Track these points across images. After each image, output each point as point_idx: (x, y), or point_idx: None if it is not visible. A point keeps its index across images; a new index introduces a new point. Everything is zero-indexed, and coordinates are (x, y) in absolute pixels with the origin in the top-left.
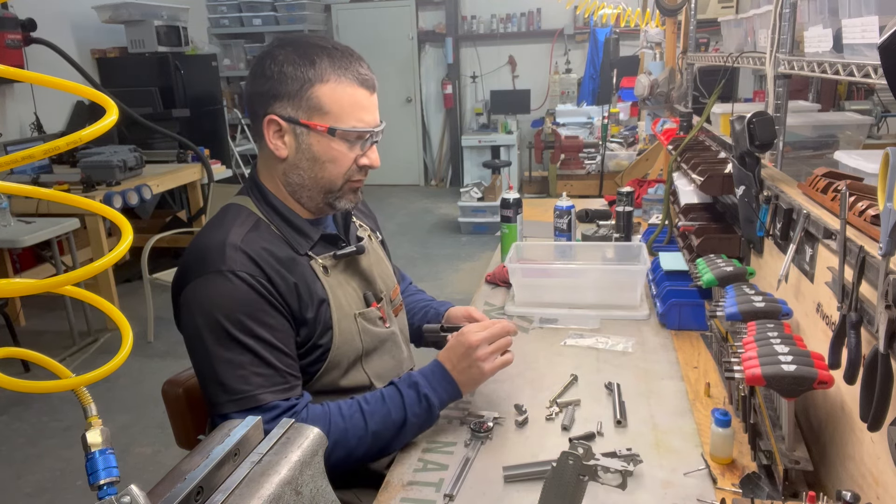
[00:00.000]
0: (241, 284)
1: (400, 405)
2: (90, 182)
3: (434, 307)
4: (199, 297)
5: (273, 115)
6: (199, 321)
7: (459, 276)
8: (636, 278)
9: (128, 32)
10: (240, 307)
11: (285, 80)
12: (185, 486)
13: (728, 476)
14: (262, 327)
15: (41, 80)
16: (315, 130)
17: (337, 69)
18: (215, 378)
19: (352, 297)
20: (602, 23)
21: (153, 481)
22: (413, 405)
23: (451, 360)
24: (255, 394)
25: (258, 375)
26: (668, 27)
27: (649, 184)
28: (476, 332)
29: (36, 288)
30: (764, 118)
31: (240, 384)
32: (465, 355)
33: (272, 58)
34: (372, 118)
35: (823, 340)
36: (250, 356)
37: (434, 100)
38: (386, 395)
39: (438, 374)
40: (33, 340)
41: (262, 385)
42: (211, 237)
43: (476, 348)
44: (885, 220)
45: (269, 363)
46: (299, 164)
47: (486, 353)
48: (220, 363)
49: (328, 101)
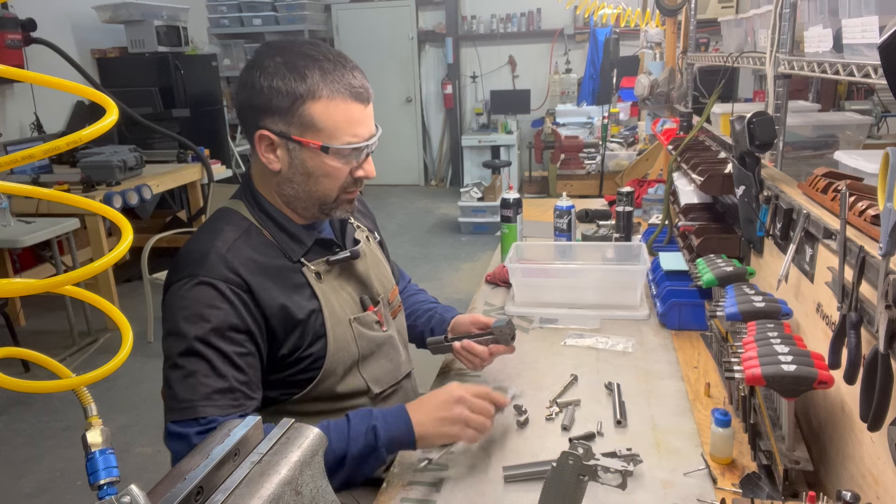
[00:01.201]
0: (214, 293)
1: (344, 436)
2: (90, 182)
3: (439, 313)
4: (174, 300)
5: (264, 131)
6: (170, 325)
7: (459, 276)
8: (636, 278)
9: (128, 32)
10: (204, 315)
11: (275, 94)
12: (185, 486)
13: (728, 476)
14: (224, 340)
15: (41, 80)
16: (308, 147)
17: (329, 83)
18: (168, 382)
19: (346, 302)
20: (602, 23)
21: (153, 481)
22: (358, 437)
23: (424, 404)
24: (198, 405)
25: (205, 386)
26: (668, 27)
27: (649, 184)
28: (462, 389)
29: (36, 288)
30: (764, 118)
31: (186, 393)
32: (442, 407)
33: (261, 69)
34: (366, 130)
35: (823, 340)
36: (206, 366)
37: (434, 100)
38: (332, 425)
39: (397, 413)
40: (33, 340)
41: (206, 396)
42: (199, 243)
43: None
44: (885, 220)
45: (223, 375)
46: (293, 179)
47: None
48: (175, 370)
49: (321, 118)
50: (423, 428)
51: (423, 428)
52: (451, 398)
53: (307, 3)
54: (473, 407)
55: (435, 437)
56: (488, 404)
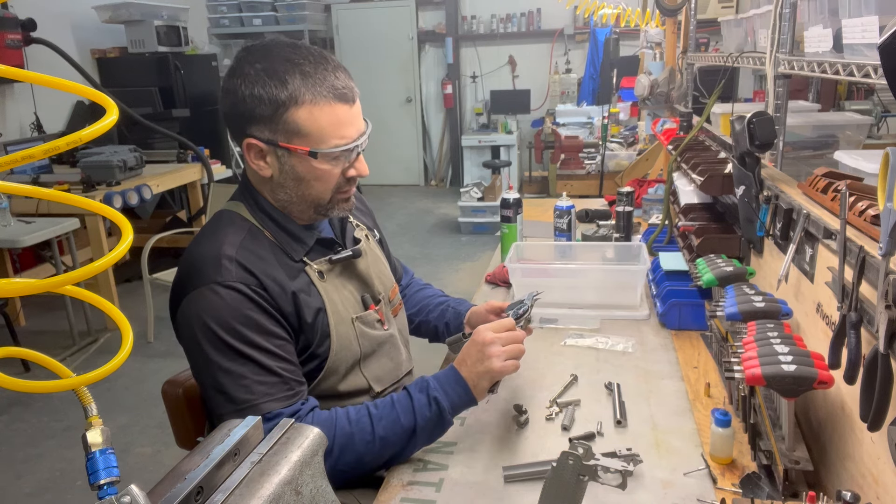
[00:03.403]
0: (237, 295)
1: (409, 410)
2: (90, 182)
3: (452, 306)
4: (196, 309)
5: (251, 139)
6: (199, 334)
7: (459, 276)
8: (636, 278)
9: (128, 32)
10: (237, 318)
11: (258, 103)
12: (185, 486)
13: (728, 476)
14: (260, 336)
15: (41, 80)
16: (296, 153)
17: (311, 87)
18: (219, 388)
19: (348, 301)
20: (602, 23)
21: (153, 481)
22: (423, 409)
23: (466, 361)
24: (259, 403)
25: (261, 384)
26: (668, 27)
27: (649, 184)
28: (489, 331)
29: (36, 288)
30: (764, 118)
31: (243, 394)
32: (479, 354)
33: (242, 77)
34: (354, 130)
35: (823, 340)
36: (252, 366)
37: (434, 100)
38: (396, 399)
39: (452, 377)
40: (33, 340)
41: (266, 394)
42: (205, 248)
43: (489, 345)
44: (885, 220)
45: (272, 371)
46: (284, 184)
47: (499, 351)
48: (223, 374)
49: (306, 124)
50: (473, 382)
51: (473, 382)
52: (484, 343)
53: (307, 3)
54: (505, 341)
55: (485, 383)
56: (516, 333)
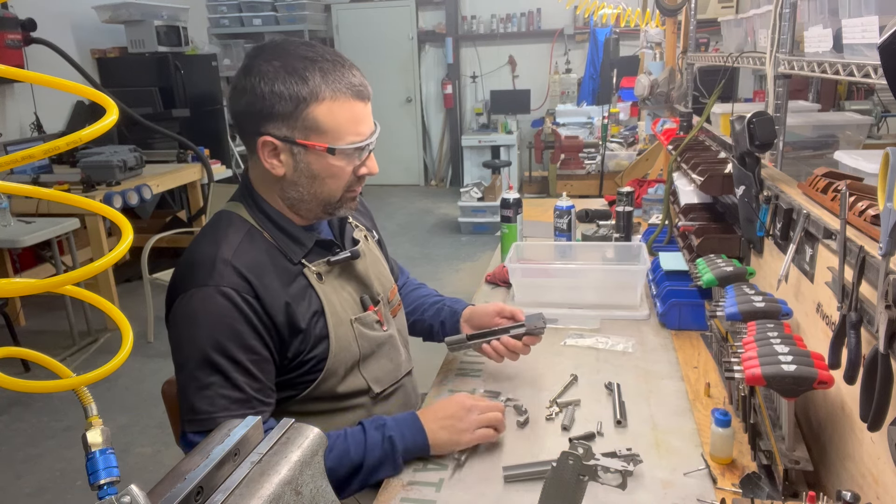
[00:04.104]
0: (226, 303)
1: (361, 444)
2: (90, 182)
3: (448, 305)
4: (184, 311)
5: (267, 137)
6: (182, 336)
7: (459, 276)
8: (636, 278)
9: (128, 32)
10: (221, 327)
11: (278, 100)
12: (185, 486)
13: (728, 476)
14: (239, 349)
15: (41, 80)
16: (313, 150)
17: (331, 83)
18: (184, 392)
19: (347, 303)
20: (602, 23)
21: (153, 481)
22: (374, 447)
23: (435, 412)
24: (216, 416)
25: (223, 398)
26: (668, 27)
27: (649, 184)
28: (471, 398)
29: (36, 288)
30: (764, 118)
31: (204, 404)
32: (454, 414)
33: (260, 75)
34: (367, 128)
35: (823, 340)
36: (220, 377)
37: (434, 100)
38: (349, 433)
39: (410, 421)
40: (33, 340)
41: (225, 408)
42: (202, 249)
43: (468, 410)
44: (885, 220)
45: (238, 387)
46: (298, 182)
47: (473, 421)
48: (191, 380)
49: (325, 120)
50: (436, 436)
51: (436, 436)
52: (463, 407)
53: (307, 3)
54: (484, 410)
55: (450, 444)
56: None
